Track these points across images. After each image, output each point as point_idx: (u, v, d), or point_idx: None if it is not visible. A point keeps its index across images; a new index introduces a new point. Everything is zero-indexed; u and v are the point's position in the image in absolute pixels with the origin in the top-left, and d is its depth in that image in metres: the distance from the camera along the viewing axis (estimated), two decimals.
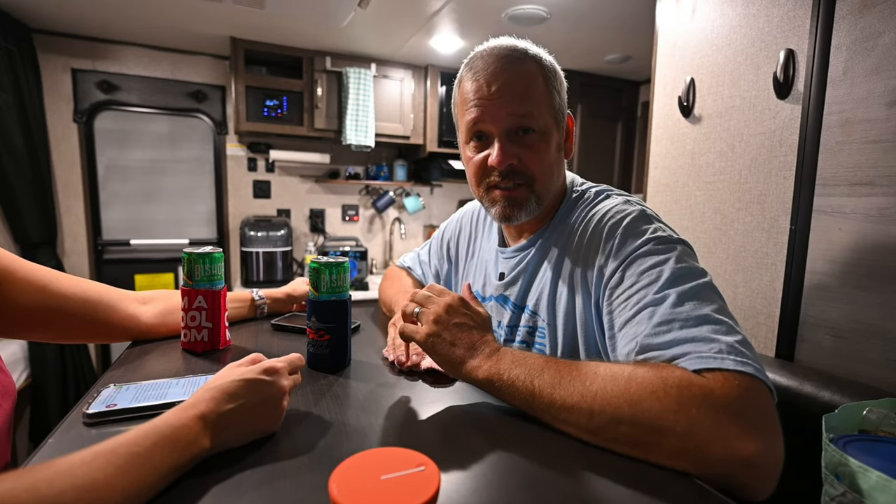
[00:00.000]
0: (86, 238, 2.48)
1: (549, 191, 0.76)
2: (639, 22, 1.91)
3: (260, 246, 2.48)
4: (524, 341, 0.77)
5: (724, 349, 0.50)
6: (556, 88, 0.73)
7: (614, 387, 0.50)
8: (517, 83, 0.70)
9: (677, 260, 0.60)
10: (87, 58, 2.38)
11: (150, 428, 0.41)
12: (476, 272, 0.92)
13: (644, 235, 0.64)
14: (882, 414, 0.62)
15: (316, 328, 0.69)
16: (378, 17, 1.99)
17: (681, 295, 0.56)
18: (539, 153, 0.72)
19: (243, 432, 0.47)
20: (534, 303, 0.76)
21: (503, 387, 0.56)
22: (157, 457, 0.39)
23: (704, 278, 0.59)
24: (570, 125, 0.77)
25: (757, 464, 0.45)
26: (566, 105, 0.76)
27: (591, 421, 0.50)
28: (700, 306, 0.55)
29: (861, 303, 0.81)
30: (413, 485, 0.31)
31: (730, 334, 0.52)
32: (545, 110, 0.72)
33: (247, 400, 0.47)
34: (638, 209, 0.69)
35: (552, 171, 0.75)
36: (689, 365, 0.51)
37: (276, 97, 2.41)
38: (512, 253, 0.82)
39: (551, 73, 0.73)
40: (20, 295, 0.64)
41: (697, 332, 0.53)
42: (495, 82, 0.70)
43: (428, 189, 3.11)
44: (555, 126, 0.74)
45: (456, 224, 1.03)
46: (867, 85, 0.80)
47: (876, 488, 0.51)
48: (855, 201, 0.82)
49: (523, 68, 0.71)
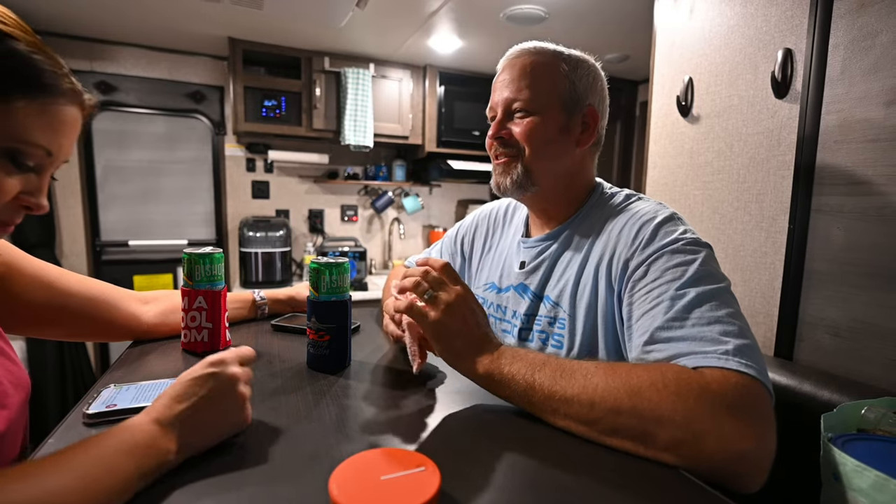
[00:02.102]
0: (84, 239, 2.48)
1: (542, 167, 0.78)
2: (637, 21, 1.92)
3: (259, 246, 2.47)
4: (543, 331, 0.78)
5: (731, 351, 0.52)
6: (572, 78, 0.77)
7: (615, 378, 0.52)
8: (521, 69, 0.77)
9: (702, 262, 0.62)
10: (84, 59, 2.37)
11: (108, 434, 0.40)
12: (493, 264, 0.93)
13: (674, 234, 0.66)
14: (880, 413, 0.62)
15: (316, 329, 0.69)
16: (376, 17, 1.99)
17: (700, 295, 0.58)
18: (529, 129, 0.76)
19: (207, 430, 0.46)
20: (556, 294, 0.77)
21: (503, 381, 0.56)
22: (115, 463, 0.38)
23: (724, 283, 0.62)
24: (591, 117, 0.79)
25: (750, 457, 0.47)
26: (587, 97, 0.78)
27: (590, 412, 0.51)
28: (716, 308, 0.57)
29: (859, 302, 0.81)
30: (413, 485, 0.31)
31: (739, 338, 0.54)
32: (547, 95, 0.76)
33: (199, 397, 0.46)
34: (670, 211, 0.72)
35: (546, 148, 0.77)
36: (692, 362, 0.52)
37: (275, 97, 2.41)
38: (535, 242, 0.84)
39: (570, 64, 0.77)
40: (26, 291, 0.64)
41: (708, 331, 0.55)
42: (506, 71, 0.79)
43: (427, 189, 3.11)
44: (558, 110, 0.77)
45: (472, 221, 1.04)
46: (865, 84, 0.80)
47: (874, 487, 0.51)
48: (853, 200, 0.82)
49: (534, 59, 0.77)
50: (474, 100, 2.72)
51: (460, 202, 3.23)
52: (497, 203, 1.02)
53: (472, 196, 3.25)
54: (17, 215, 0.49)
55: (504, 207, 0.99)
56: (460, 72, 2.72)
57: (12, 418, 0.52)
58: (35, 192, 0.49)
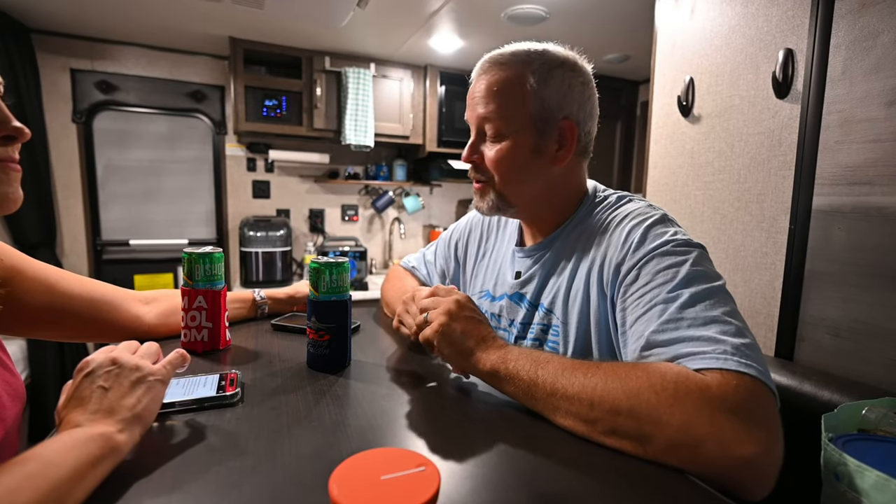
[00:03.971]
0: (85, 238, 2.48)
1: (516, 192, 0.77)
2: (638, 21, 1.91)
3: (259, 246, 2.48)
4: (537, 338, 0.78)
5: (729, 350, 0.51)
6: (542, 94, 0.72)
7: (614, 379, 0.52)
8: (488, 87, 0.74)
9: (694, 263, 0.61)
10: (85, 58, 2.38)
11: (54, 435, 0.41)
12: (488, 271, 0.93)
13: (664, 237, 0.65)
14: (881, 413, 0.62)
15: (316, 328, 0.69)
16: (377, 16, 1.99)
17: (693, 296, 0.57)
18: (498, 157, 0.75)
19: (127, 402, 0.45)
20: (549, 301, 0.77)
21: (507, 376, 0.57)
22: (62, 454, 0.38)
23: (719, 282, 0.60)
24: (568, 131, 0.74)
25: (754, 464, 0.45)
26: (561, 110, 0.73)
27: (590, 412, 0.51)
28: (711, 308, 0.56)
29: (860, 302, 0.81)
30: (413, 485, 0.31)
31: (737, 336, 0.53)
32: (511, 114, 0.73)
33: (97, 385, 0.45)
34: (660, 213, 0.70)
35: (518, 174, 0.76)
36: (690, 364, 0.52)
37: (276, 97, 2.41)
38: (529, 252, 0.83)
39: (540, 76, 0.72)
40: (27, 293, 0.64)
41: (705, 331, 0.54)
42: (476, 84, 0.76)
43: (427, 189, 3.11)
44: (528, 131, 0.73)
45: (465, 225, 1.04)
46: (866, 84, 0.80)
47: (875, 487, 0.51)
48: (854, 200, 0.82)
49: (501, 74, 0.73)
50: None
51: (461, 202, 3.23)
52: None
53: (471, 196, 3.24)
54: (7, 151, 0.51)
55: None
56: (461, 72, 2.71)
57: (8, 429, 0.52)
58: (3, 122, 0.49)
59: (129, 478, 0.41)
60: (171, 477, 0.42)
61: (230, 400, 0.57)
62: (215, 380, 0.61)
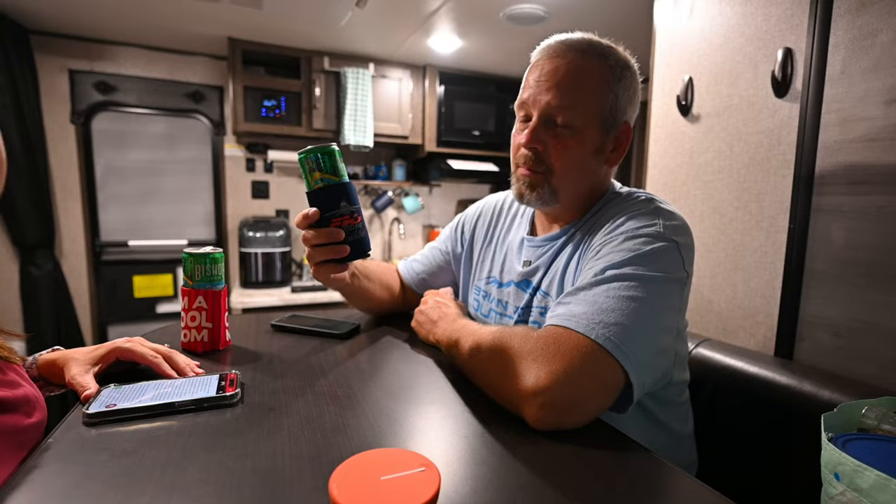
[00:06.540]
0: (84, 239, 2.48)
1: (569, 189, 0.75)
2: (637, 21, 1.91)
3: (259, 246, 2.47)
4: (536, 321, 0.79)
5: (599, 324, 0.55)
6: (615, 91, 0.71)
7: (491, 329, 0.64)
8: (566, 74, 0.70)
9: (653, 252, 0.62)
10: (84, 59, 2.37)
11: None
12: (495, 257, 0.93)
13: (640, 225, 0.65)
14: (881, 413, 0.62)
15: (350, 212, 0.71)
16: (376, 16, 1.99)
17: (619, 275, 0.59)
18: (565, 149, 0.72)
19: None
20: (547, 284, 0.78)
21: (448, 345, 0.71)
22: None
23: (661, 274, 0.60)
24: (625, 135, 0.74)
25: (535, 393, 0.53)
26: (625, 113, 0.73)
27: (471, 353, 0.64)
28: (626, 290, 0.58)
29: (860, 301, 0.81)
30: (413, 485, 0.31)
31: (622, 320, 0.55)
32: (588, 109, 0.70)
33: None
34: (654, 206, 0.70)
35: (577, 172, 0.74)
36: (562, 323, 0.58)
37: (275, 97, 2.41)
38: (540, 242, 0.83)
39: (615, 74, 0.71)
40: None
41: (598, 305, 0.57)
42: (549, 67, 0.71)
43: (427, 189, 3.11)
44: (597, 128, 0.72)
45: (475, 211, 1.03)
46: (865, 83, 0.80)
47: (875, 487, 0.51)
48: (853, 200, 0.82)
49: (580, 61, 0.70)
50: (474, 99, 2.72)
51: (460, 202, 3.23)
52: (504, 194, 1.00)
53: (472, 196, 3.25)
54: None
55: (511, 200, 0.98)
56: (460, 71, 2.72)
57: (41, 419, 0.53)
58: None
59: (129, 478, 0.41)
60: (171, 477, 0.42)
61: (230, 400, 0.57)
62: (215, 380, 0.61)
